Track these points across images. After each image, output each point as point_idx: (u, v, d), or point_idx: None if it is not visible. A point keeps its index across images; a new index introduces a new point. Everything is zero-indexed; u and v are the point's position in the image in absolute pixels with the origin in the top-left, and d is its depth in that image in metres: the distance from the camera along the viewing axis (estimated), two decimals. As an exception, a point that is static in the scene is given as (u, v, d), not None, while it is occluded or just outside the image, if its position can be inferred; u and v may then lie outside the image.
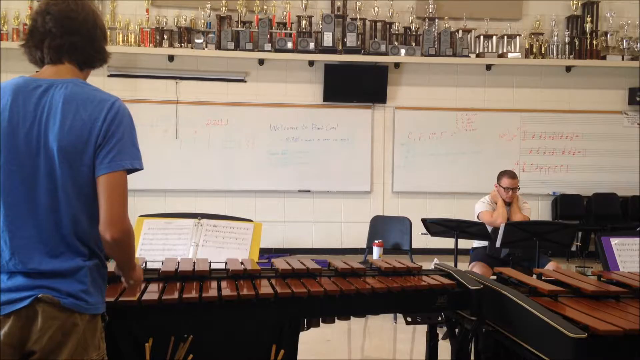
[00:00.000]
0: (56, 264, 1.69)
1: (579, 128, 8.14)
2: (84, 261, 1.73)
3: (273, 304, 2.32)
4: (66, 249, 1.71)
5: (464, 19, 7.92)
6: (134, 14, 7.64)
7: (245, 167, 7.79)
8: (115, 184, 1.71)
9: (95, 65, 1.87)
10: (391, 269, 2.67)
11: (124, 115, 1.76)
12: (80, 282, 1.71)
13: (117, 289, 2.28)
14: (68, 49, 1.77)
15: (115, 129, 1.73)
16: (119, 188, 1.72)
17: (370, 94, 7.92)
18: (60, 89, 1.72)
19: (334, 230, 8.00)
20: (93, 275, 1.75)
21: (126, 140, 1.75)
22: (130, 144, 1.76)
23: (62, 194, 1.70)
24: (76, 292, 1.69)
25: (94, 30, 1.82)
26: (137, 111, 7.59)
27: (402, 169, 8.01)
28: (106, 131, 1.71)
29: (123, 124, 1.75)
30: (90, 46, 1.82)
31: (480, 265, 4.67)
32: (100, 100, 1.74)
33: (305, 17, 7.73)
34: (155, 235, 3.09)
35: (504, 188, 4.88)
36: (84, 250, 1.73)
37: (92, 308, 1.73)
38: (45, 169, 1.69)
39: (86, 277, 1.72)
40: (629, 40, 7.98)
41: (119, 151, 1.72)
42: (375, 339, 4.86)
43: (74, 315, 1.68)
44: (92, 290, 1.74)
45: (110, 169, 1.71)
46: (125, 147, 1.74)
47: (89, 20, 1.80)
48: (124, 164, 1.73)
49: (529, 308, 2.24)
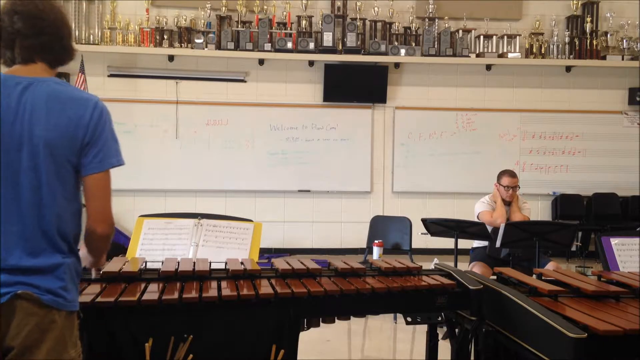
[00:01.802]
0: (36, 261, 1.70)
1: (579, 128, 8.14)
2: (63, 258, 1.75)
3: (273, 304, 2.32)
4: (47, 246, 1.72)
5: (464, 19, 7.92)
6: (134, 14, 7.64)
7: (245, 167, 7.79)
8: (104, 181, 1.80)
9: (64, 63, 1.90)
10: (391, 269, 2.67)
11: (107, 115, 1.84)
12: (59, 279, 1.72)
13: (117, 289, 2.28)
14: (39, 48, 1.79)
15: (102, 129, 1.79)
16: (106, 185, 1.81)
17: (370, 94, 7.92)
18: (40, 86, 1.75)
19: (334, 230, 8.00)
20: (71, 272, 1.77)
21: (111, 139, 1.82)
22: (115, 142, 1.83)
23: (45, 189, 1.72)
24: (55, 289, 1.70)
25: (62, 29, 1.85)
26: (137, 111, 7.62)
27: (402, 169, 8.01)
28: (94, 130, 1.77)
29: (107, 124, 1.82)
30: (59, 45, 1.85)
31: (480, 265, 4.67)
32: (84, 99, 1.80)
33: (305, 17, 7.73)
34: (155, 235, 3.09)
35: (504, 187, 4.89)
36: (63, 246, 1.75)
37: (69, 305, 1.74)
38: (29, 165, 1.71)
39: (65, 274, 1.74)
40: (629, 40, 7.98)
41: (106, 151, 1.79)
42: (375, 339, 4.86)
43: (52, 312, 1.69)
44: (70, 287, 1.75)
45: (99, 169, 1.78)
46: (111, 146, 1.81)
47: (58, 19, 1.83)
48: (112, 161, 1.80)
49: (529, 308, 2.24)
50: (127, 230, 7.46)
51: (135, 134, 7.61)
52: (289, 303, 2.34)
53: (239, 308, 2.29)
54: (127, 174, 7.56)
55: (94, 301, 2.15)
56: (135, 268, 2.50)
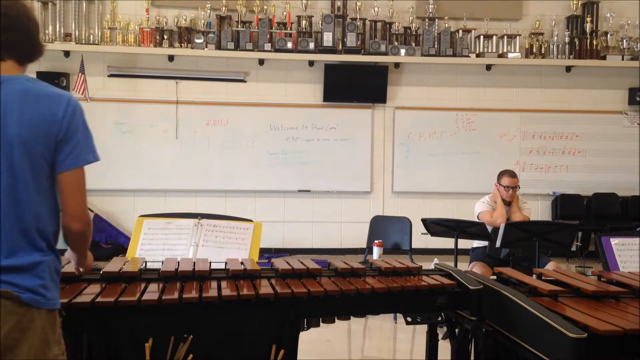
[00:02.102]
0: (15, 260, 1.69)
1: (579, 128, 8.14)
2: (42, 256, 1.73)
3: (273, 304, 2.32)
4: (26, 244, 1.71)
5: (464, 19, 7.92)
6: (134, 14, 7.64)
7: (245, 167, 7.79)
8: (79, 178, 1.78)
9: (33, 59, 1.86)
10: (391, 269, 2.67)
11: (81, 111, 1.81)
12: (38, 277, 1.71)
13: (117, 289, 2.28)
14: (7, 46, 1.77)
15: (76, 126, 1.77)
16: (81, 182, 1.79)
17: (370, 94, 7.92)
18: (11, 84, 1.73)
19: (334, 230, 8.00)
20: (50, 270, 1.76)
21: (85, 135, 1.80)
22: (89, 139, 1.81)
23: (22, 188, 1.71)
24: (35, 287, 1.69)
25: (29, 25, 1.82)
26: (137, 111, 7.62)
27: (402, 169, 8.01)
28: (67, 127, 1.75)
29: (81, 120, 1.80)
30: (27, 41, 1.81)
31: (480, 265, 4.67)
32: (57, 95, 1.77)
33: (305, 17, 7.73)
34: (155, 235, 3.09)
35: (504, 187, 4.89)
36: (42, 244, 1.74)
37: (49, 303, 1.73)
38: (5, 164, 1.69)
39: (44, 272, 1.73)
40: (629, 40, 7.98)
41: (80, 147, 1.77)
42: (375, 339, 4.86)
43: (32, 311, 1.68)
44: (49, 285, 1.74)
45: (73, 165, 1.76)
46: (85, 143, 1.79)
47: (22, 15, 1.79)
48: (87, 157, 1.79)
49: (529, 308, 2.24)
50: (127, 230, 7.46)
51: (135, 134, 7.61)
52: (289, 303, 2.34)
53: (239, 308, 2.29)
54: (127, 174, 7.69)
55: (94, 301, 2.15)
56: (135, 268, 2.50)
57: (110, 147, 7.51)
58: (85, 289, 2.28)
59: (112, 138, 7.51)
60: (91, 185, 6.00)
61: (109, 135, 7.50)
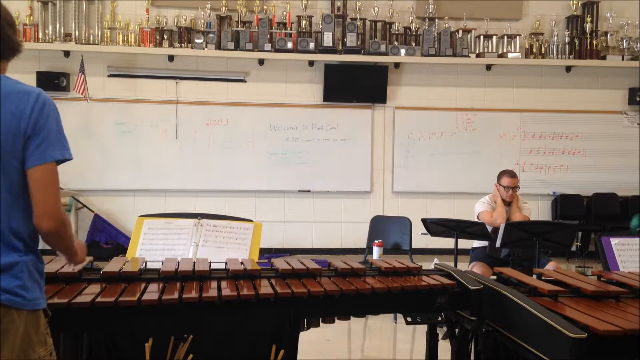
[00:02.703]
0: None
1: (579, 128, 8.14)
2: (19, 256, 1.71)
3: (273, 304, 2.32)
4: (1, 245, 1.68)
5: (464, 19, 7.92)
6: (134, 14, 7.64)
7: (245, 167, 7.79)
8: (47, 175, 1.72)
9: (8, 57, 1.81)
10: (391, 269, 2.67)
11: (50, 107, 1.75)
12: (16, 278, 1.68)
13: (117, 289, 2.28)
14: None
15: (44, 121, 1.72)
16: (50, 179, 1.73)
17: (370, 94, 7.92)
18: None
19: (334, 230, 8.00)
20: (29, 270, 1.73)
21: (55, 131, 1.74)
22: (59, 135, 1.76)
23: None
24: (12, 288, 1.67)
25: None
26: (137, 111, 7.62)
27: (402, 169, 8.01)
28: (35, 123, 1.70)
29: (51, 115, 1.74)
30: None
31: (480, 265, 4.67)
32: (25, 92, 1.73)
33: (305, 17, 7.73)
34: (155, 235, 3.09)
35: (504, 187, 4.88)
36: (19, 245, 1.71)
37: (30, 304, 1.70)
38: None
39: (22, 273, 1.70)
40: (629, 40, 7.98)
41: (49, 143, 1.72)
42: (375, 339, 4.86)
43: (11, 312, 1.66)
44: (29, 285, 1.71)
45: (41, 161, 1.71)
46: (54, 139, 1.74)
47: None
48: (55, 154, 1.73)
49: (529, 308, 2.24)
50: (127, 230, 7.46)
51: (135, 134, 7.61)
52: (289, 303, 2.34)
53: (239, 308, 2.29)
54: (127, 174, 7.69)
55: (94, 301, 2.14)
56: (135, 268, 2.50)
57: (110, 147, 7.53)
58: (85, 289, 2.28)
59: (112, 138, 7.52)
60: (91, 185, 6.03)
61: (109, 135, 7.51)
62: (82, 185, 7.41)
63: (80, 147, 7.10)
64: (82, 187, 7.43)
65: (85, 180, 7.39)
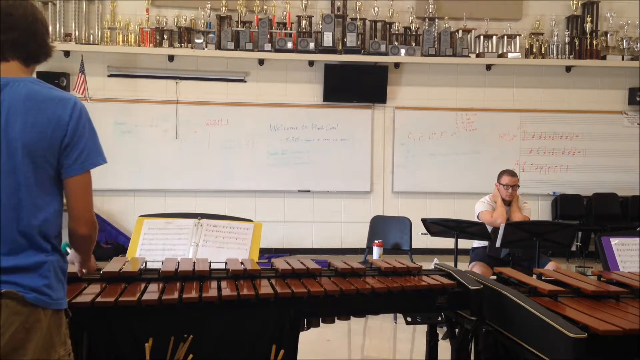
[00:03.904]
0: (17, 260, 1.68)
1: (579, 128, 8.14)
2: (46, 256, 1.73)
3: (273, 304, 2.32)
4: (28, 246, 1.70)
5: (464, 19, 7.92)
6: (134, 14, 7.64)
7: (245, 167, 7.79)
8: (86, 183, 1.79)
9: (40, 60, 1.84)
10: (391, 269, 2.67)
11: (87, 114, 1.79)
12: (43, 277, 1.70)
13: (117, 289, 2.28)
14: (10, 45, 1.74)
15: (82, 129, 1.76)
16: (88, 186, 1.80)
17: (370, 94, 7.92)
18: (16, 87, 1.71)
19: (334, 230, 8.00)
20: (55, 270, 1.75)
21: (92, 139, 1.79)
22: (96, 142, 1.81)
23: (24, 191, 1.70)
24: (39, 287, 1.69)
25: (35, 24, 1.78)
26: (137, 111, 7.62)
27: (402, 169, 8.01)
28: (74, 131, 1.74)
29: (88, 123, 1.79)
30: (32, 41, 1.78)
31: (480, 265, 4.67)
32: (62, 99, 1.75)
33: (305, 17, 7.73)
34: (155, 235, 3.09)
35: (504, 185, 4.89)
36: (46, 245, 1.73)
37: (55, 303, 1.72)
38: (7, 167, 1.68)
39: (49, 272, 1.72)
40: (629, 40, 7.98)
41: (89, 151, 1.77)
42: (375, 339, 4.86)
43: (37, 311, 1.68)
44: (55, 285, 1.73)
45: (81, 170, 1.76)
46: (93, 147, 1.79)
47: (28, 14, 1.76)
48: (95, 162, 1.79)
49: (529, 308, 2.24)
50: (127, 230, 7.46)
51: (135, 134, 7.61)
52: (289, 303, 2.34)
53: (239, 308, 2.29)
54: (127, 174, 7.69)
55: (94, 301, 2.15)
56: (135, 268, 2.50)
57: (110, 147, 7.43)
58: (85, 289, 2.28)
59: (112, 138, 7.51)
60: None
61: (109, 135, 7.50)
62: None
63: (80, 147, 7.10)
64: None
65: (85, 180, 7.38)
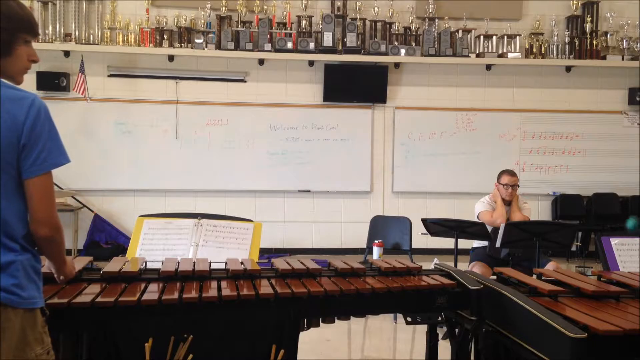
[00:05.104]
0: None
1: (579, 128, 8.14)
2: (15, 256, 1.72)
3: (273, 304, 2.31)
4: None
5: (464, 19, 7.92)
6: (134, 14, 7.64)
7: (245, 167, 7.79)
8: (46, 184, 1.74)
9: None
10: (391, 269, 2.67)
11: (46, 113, 1.74)
12: (12, 277, 1.69)
13: (117, 289, 2.28)
14: None
15: (40, 129, 1.71)
16: (49, 187, 1.75)
17: (370, 94, 7.91)
18: None
19: (334, 230, 8.00)
20: (26, 269, 1.74)
21: (53, 138, 1.74)
22: (57, 141, 1.76)
23: None
24: (8, 287, 1.68)
25: None
26: (137, 111, 7.62)
27: (402, 169, 8.01)
28: (30, 131, 1.70)
29: (48, 122, 1.74)
30: None
31: (480, 265, 4.67)
32: (19, 98, 1.71)
33: (305, 17, 7.73)
34: (155, 235, 3.09)
35: (504, 185, 4.89)
36: (14, 245, 1.72)
37: (26, 302, 1.71)
38: None
39: (18, 272, 1.71)
40: (629, 40, 7.98)
41: (49, 152, 1.73)
42: (375, 339, 4.86)
43: (7, 310, 1.67)
44: (25, 284, 1.72)
45: (41, 171, 1.72)
46: (54, 146, 1.74)
47: None
48: (55, 162, 1.74)
49: (529, 308, 2.24)
50: (127, 230, 7.46)
51: (135, 134, 7.61)
52: (289, 303, 2.34)
53: (239, 308, 2.29)
54: (127, 174, 7.69)
55: (94, 301, 2.14)
56: (135, 268, 2.50)
57: (110, 147, 7.52)
58: (85, 289, 2.27)
59: (112, 138, 7.52)
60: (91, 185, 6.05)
61: (109, 135, 7.50)
62: (82, 185, 7.41)
63: (80, 147, 7.11)
64: (82, 187, 7.42)
65: (85, 180, 7.39)
